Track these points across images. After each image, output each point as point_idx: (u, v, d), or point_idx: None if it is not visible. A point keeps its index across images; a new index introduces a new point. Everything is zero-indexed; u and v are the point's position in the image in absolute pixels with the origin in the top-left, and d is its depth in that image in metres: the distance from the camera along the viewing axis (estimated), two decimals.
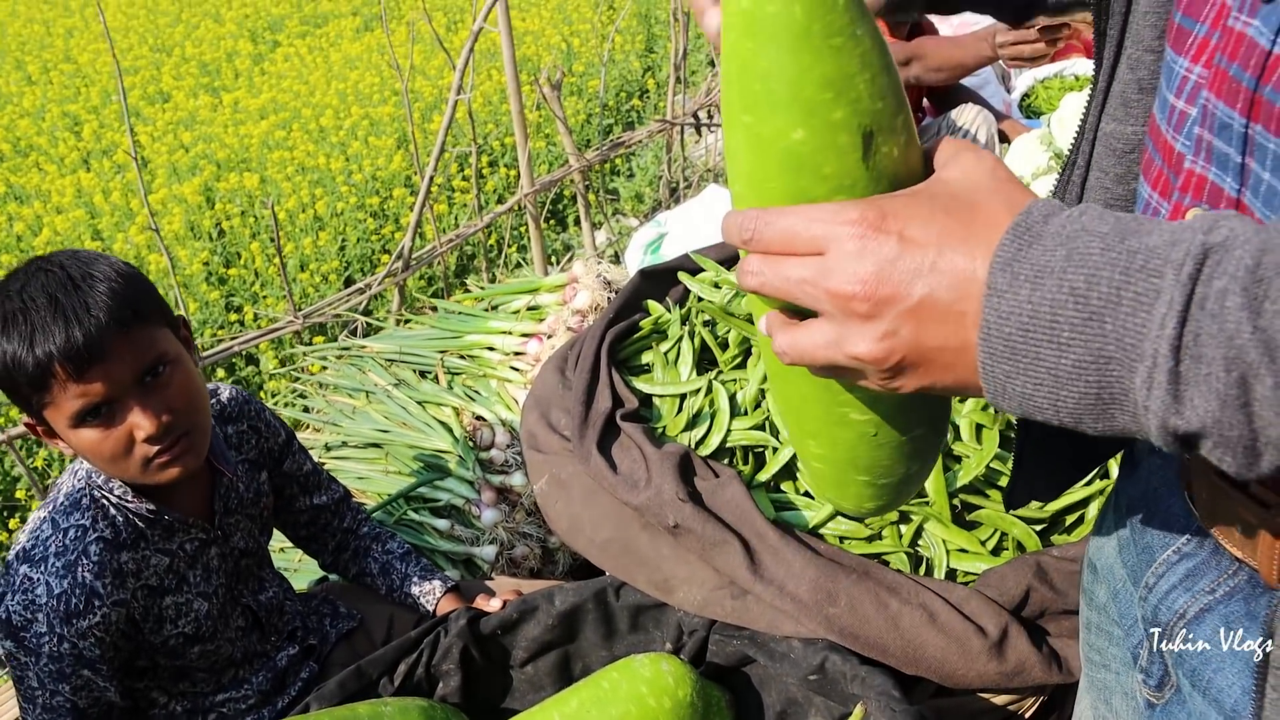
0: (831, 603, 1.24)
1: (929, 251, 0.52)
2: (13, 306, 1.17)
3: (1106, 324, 0.47)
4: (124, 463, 1.24)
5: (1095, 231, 0.49)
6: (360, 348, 2.23)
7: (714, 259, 1.78)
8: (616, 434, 1.48)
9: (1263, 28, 0.55)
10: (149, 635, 1.35)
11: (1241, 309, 0.44)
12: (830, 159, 0.58)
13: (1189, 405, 0.46)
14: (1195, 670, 0.68)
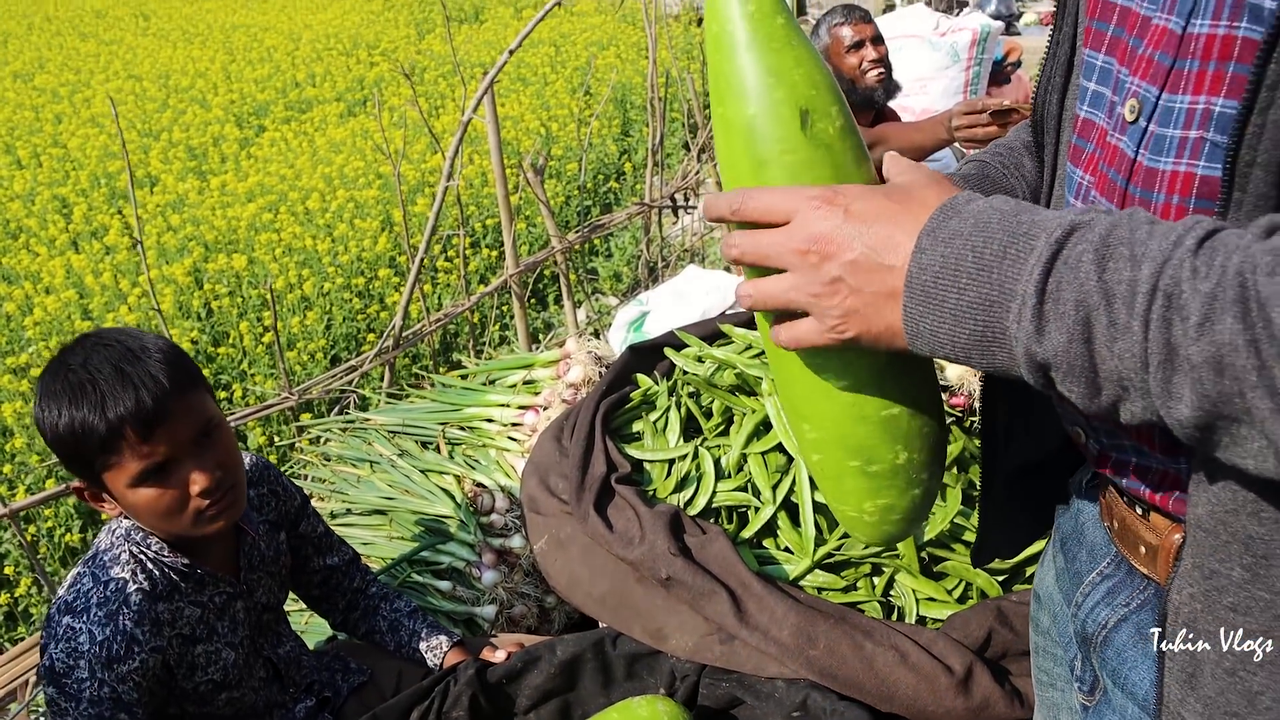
0: (811, 645, 1.36)
1: (867, 221, 0.68)
2: (80, 378, 1.29)
3: (993, 274, 0.63)
4: (178, 518, 1.36)
5: (1000, 209, 0.65)
6: (364, 420, 2.36)
7: (697, 335, 1.93)
8: (611, 496, 1.61)
9: (1129, 143, 0.72)
10: (181, 681, 1.45)
11: (1091, 264, 0.59)
12: (776, 129, 0.76)
13: (1047, 337, 0.60)
14: (1115, 670, 0.81)
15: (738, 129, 0.78)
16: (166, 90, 9.68)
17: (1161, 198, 0.69)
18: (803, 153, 0.76)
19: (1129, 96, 0.71)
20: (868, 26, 3.09)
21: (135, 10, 14.75)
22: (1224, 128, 0.64)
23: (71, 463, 1.34)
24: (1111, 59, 0.75)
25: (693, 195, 5.25)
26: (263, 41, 11.56)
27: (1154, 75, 0.69)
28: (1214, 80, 0.64)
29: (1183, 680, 0.71)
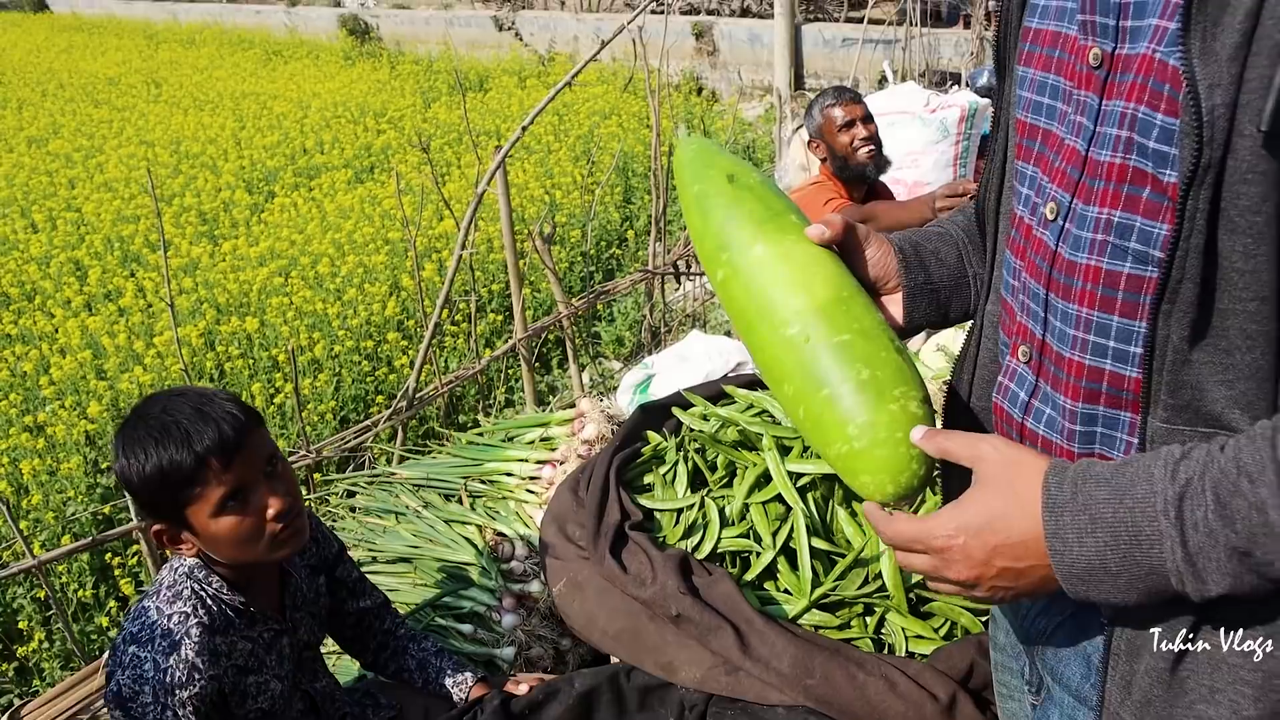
0: (809, 675, 1.50)
1: (997, 555, 0.84)
2: (163, 421, 1.45)
3: (1138, 558, 0.78)
4: (255, 543, 1.51)
5: (1099, 497, 0.79)
6: (389, 474, 2.51)
7: (702, 396, 2.10)
8: (625, 541, 1.76)
9: (1051, 237, 0.90)
10: (234, 709, 1.58)
11: (1218, 522, 0.73)
12: (713, 187, 1.10)
13: (1213, 585, 0.75)
14: (1053, 668, 0.97)
15: (691, 202, 1.08)
16: (178, 156, 9.91)
17: (1077, 283, 0.87)
18: (728, 195, 1.05)
19: (1049, 200, 0.89)
20: (858, 107, 3.29)
21: (147, 78, 15.09)
22: (1123, 234, 0.81)
23: (157, 503, 1.49)
24: (1037, 169, 0.93)
25: (694, 263, 5.44)
26: (272, 109, 11.84)
27: (1067, 185, 0.87)
28: (1112, 196, 0.82)
29: (1121, 684, 0.87)
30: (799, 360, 0.97)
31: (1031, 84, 0.94)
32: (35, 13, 25.65)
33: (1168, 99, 0.76)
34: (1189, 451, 0.77)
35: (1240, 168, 0.73)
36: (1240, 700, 0.82)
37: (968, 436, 0.89)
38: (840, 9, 12.36)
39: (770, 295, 1.01)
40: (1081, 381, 0.88)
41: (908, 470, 0.92)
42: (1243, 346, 0.77)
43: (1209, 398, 0.80)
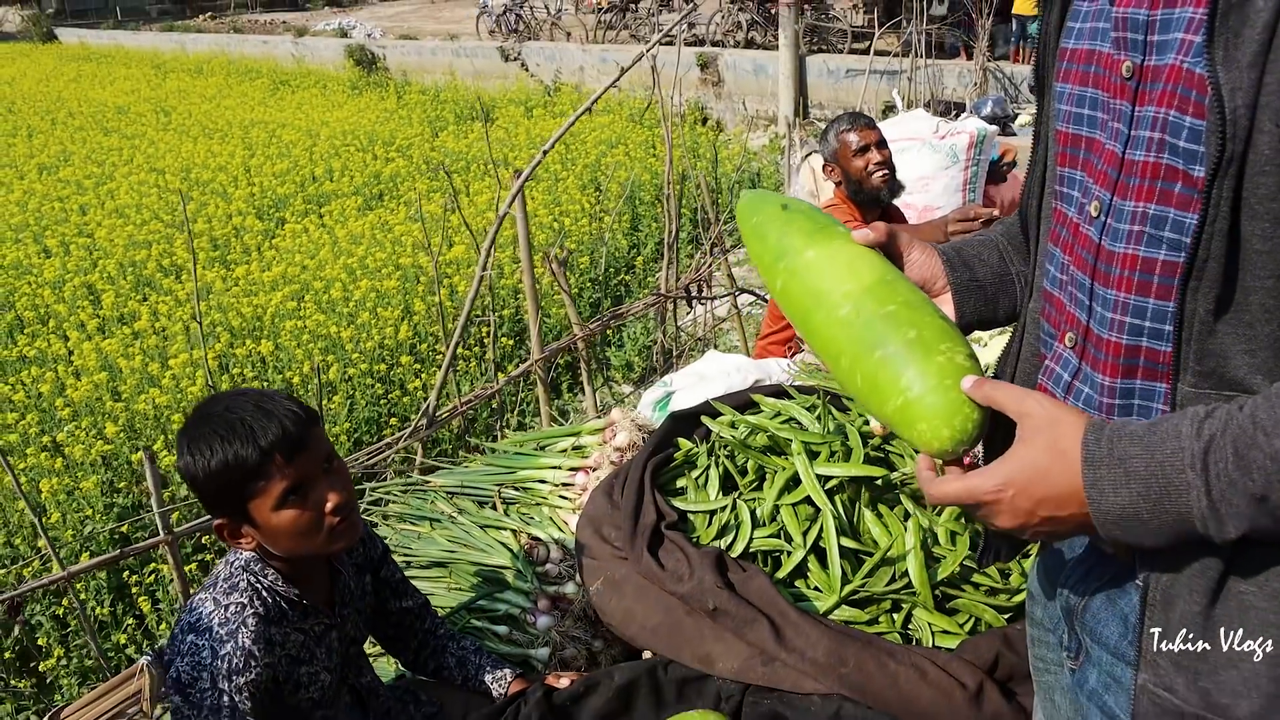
0: (843, 665, 1.57)
1: (1041, 505, 0.93)
2: (229, 418, 1.53)
3: (1168, 506, 0.86)
4: (314, 536, 1.58)
5: (1132, 453, 0.88)
6: (424, 482, 2.57)
7: (730, 405, 2.17)
8: (661, 540, 1.83)
9: (1095, 231, 0.99)
10: (286, 697, 1.64)
11: (1237, 471, 0.82)
12: (770, 213, 1.25)
13: (1232, 528, 0.84)
14: (1093, 630, 1.05)
15: (751, 231, 1.26)
16: (189, 183, 10.03)
17: (1116, 270, 0.96)
18: (782, 218, 1.21)
19: (1094, 199, 0.98)
20: (872, 132, 3.38)
21: (155, 106, 15.25)
22: (1158, 225, 0.91)
23: (221, 498, 1.56)
24: (1082, 172, 1.02)
25: (705, 287, 5.53)
26: (280, 137, 11.98)
27: (1107, 184, 0.97)
28: (1146, 192, 0.92)
29: (1157, 633, 0.96)
30: (851, 333, 1.06)
31: (1070, 98, 1.03)
32: (44, 43, 25.91)
33: (1194, 103, 0.86)
34: (1212, 411, 0.86)
35: (1259, 160, 0.82)
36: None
37: (1015, 389, 0.97)
38: (844, 41, 12.54)
39: (823, 286, 1.11)
40: (1120, 359, 0.97)
41: (960, 414, 0.99)
42: (1262, 319, 0.86)
43: (1232, 365, 0.89)
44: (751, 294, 5.75)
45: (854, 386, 1.08)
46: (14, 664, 4.19)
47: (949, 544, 1.86)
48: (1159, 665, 0.96)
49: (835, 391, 2.22)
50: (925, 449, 1.02)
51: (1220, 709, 0.92)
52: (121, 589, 4.55)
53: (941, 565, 1.81)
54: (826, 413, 2.08)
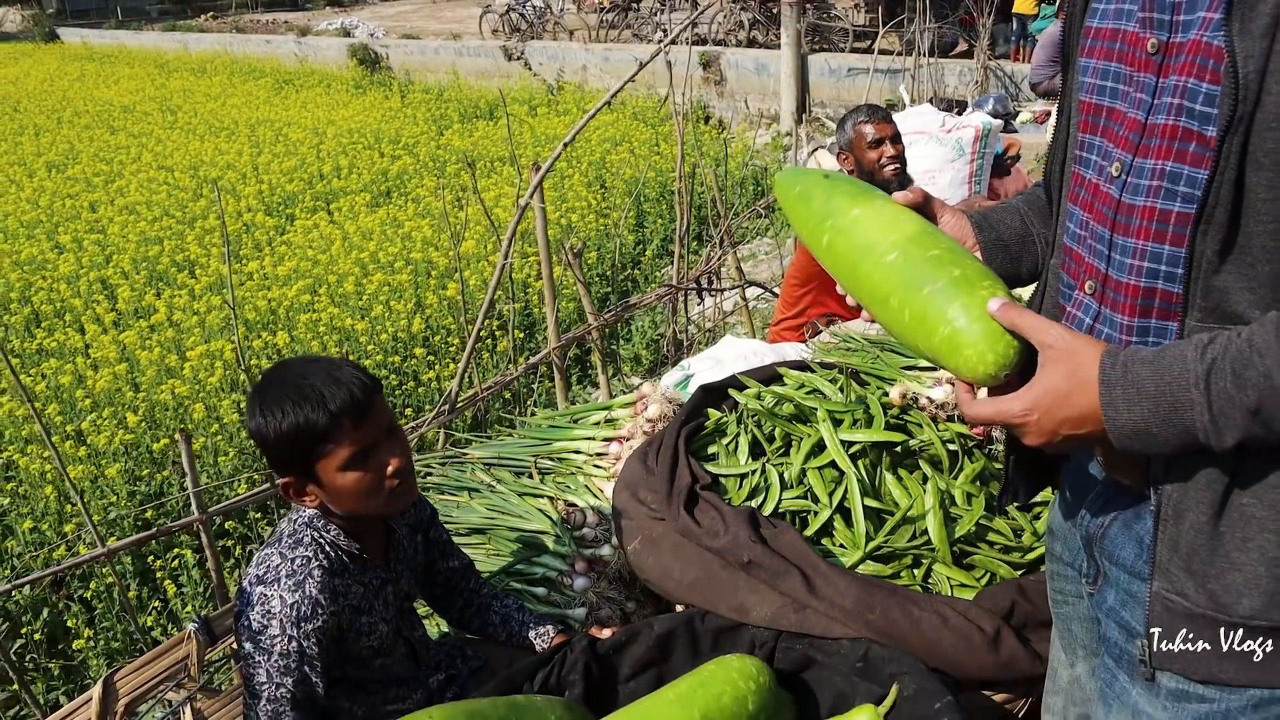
0: (870, 611, 1.69)
1: (1063, 425, 1.06)
2: (301, 384, 1.64)
3: (1175, 420, 0.99)
4: (375, 496, 1.69)
5: (1144, 375, 1.01)
6: (461, 454, 2.69)
7: (757, 379, 2.29)
8: (696, 501, 1.94)
9: (1115, 189, 1.11)
10: (349, 645, 1.76)
11: (1235, 389, 0.95)
12: (814, 179, 1.40)
13: (1230, 438, 0.97)
14: (1110, 553, 1.17)
15: (795, 199, 1.39)
16: (198, 180, 10.13)
17: (1136, 221, 1.08)
18: (826, 184, 1.34)
19: (1115, 160, 1.11)
20: (888, 126, 3.50)
21: (162, 105, 15.35)
22: (1174, 180, 1.03)
23: (290, 458, 1.67)
24: (1102, 138, 1.15)
25: (715, 279, 5.65)
26: (287, 136, 12.08)
27: (1129, 147, 1.10)
28: (1164, 151, 1.05)
29: (1169, 545, 1.08)
30: (900, 276, 1.18)
31: (1095, 71, 1.16)
32: (46, 43, 25.99)
33: (1211, 71, 0.99)
34: (1214, 338, 0.99)
35: (1266, 119, 0.95)
36: (1266, 545, 1.03)
37: (1039, 319, 1.09)
38: (846, 40, 12.65)
39: (871, 238, 1.24)
40: (1137, 300, 1.10)
41: (1003, 340, 1.10)
42: (1263, 259, 0.99)
43: (1233, 300, 1.02)
44: (760, 287, 5.86)
45: (901, 323, 1.19)
46: (44, 645, 4.29)
47: (965, 504, 1.98)
48: (1171, 573, 1.08)
49: (855, 367, 2.34)
50: (970, 374, 1.13)
51: (1225, 607, 1.05)
52: (145, 574, 4.66)
53: (959, 524, 1.93)
54: (848, 384, 2.20)
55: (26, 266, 7.56)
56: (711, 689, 1.62)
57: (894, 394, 2.15)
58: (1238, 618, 1.05)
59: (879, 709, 1.63)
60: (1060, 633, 1.43)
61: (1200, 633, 1.08)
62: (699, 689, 1.63)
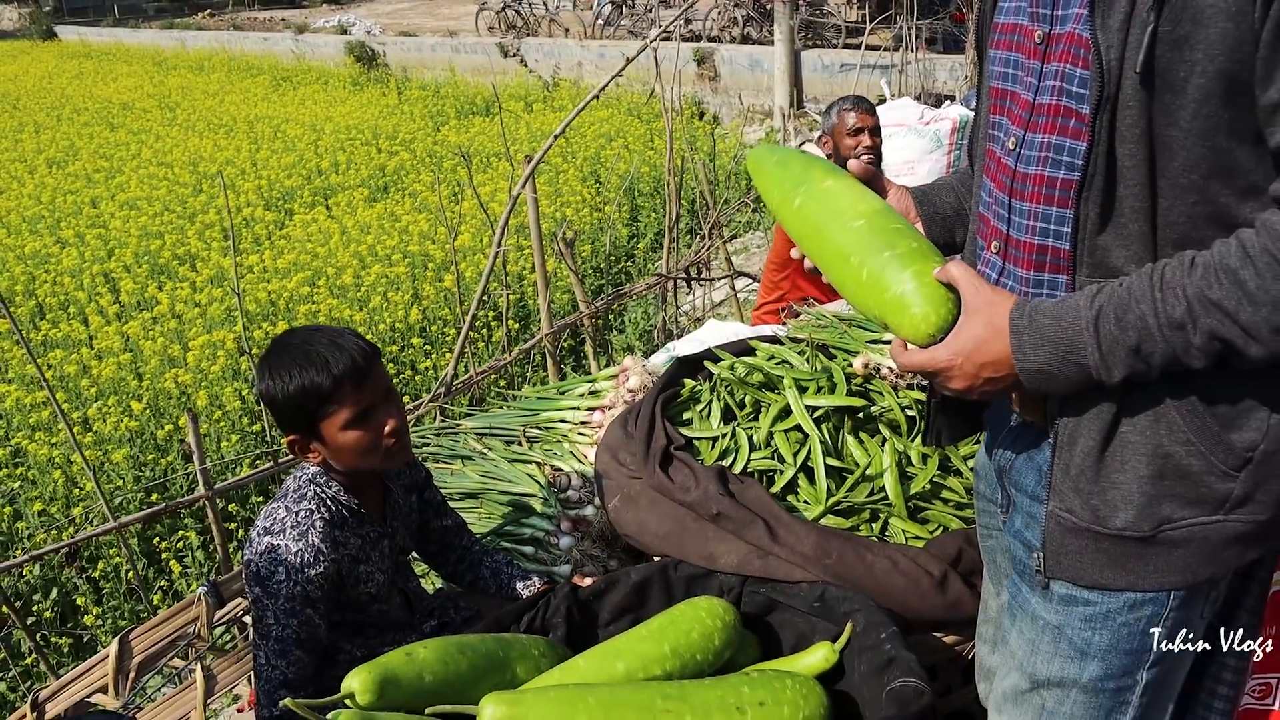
0: (827, 556, 1.84)
1: (977, 361, 1.21)
2: (306, 349, 1.79)
3: (1072, 360, 1.15)
4: (373, 454, 1.84)
5: (1045, 323, 1.16)
6: (455, 425, 2.84)
7: (730, 352, 2.45)
8: (670, 461, 2.10)
9: (1010, 160, 1.27)
10: (348, 590, 1.91)
11: (1118, 330, 1.11)
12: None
13: (1118, 373, 1.13)
14: (1017, 482, 1.34)
15: (772, 166, 1.52)
16: (197, 176, 10.26)
17: (1029, 188, 1.25)
18: (804, 158, 1.50)
19: (1010, 136, 1.27)
20: (870, 118, 3.66)
21: (160, 103, 15.47)
22: (1058, 151, 1.20)
23: (295, 419, 1.83)
24: (1003, 117, 1.31)
25: (705, 269, 5.80)
26: (285, 132, 12.22)
27: (1020, 123, 1.26)
28: (1050, 126, 1.21)
29: (1063, 469, 1.24)
30: (864, 240, 1.34)
31: (999, 60, 1.33)
32: (44, 40, 26.10)
33: (1082, 59, 1.15)
34: (1101, 288, 1.15)
35: (1125, 98, 1.11)
36: (1139, 466, 1.20)
37: (971, 274, 1.24)
38: (838, 36, 12.80)
39: (841, 204, 1.40)
40: (1033, 256, 1.26)
41: (945, 306, 1.25)
42: (1132, 219, 1.15)
43: (1113, 257, 1.18)
44: (749, 277, 6.01)
45: (856, 280, 1.34)
46: (54, 623, 4.44)
47: (921, 464, 2.13)
48: (1063, 493, 1.24)
49: (824, 341, 2.49)
50: (911, 331, 1.27)
51: (1104, 520, 1.21)
52: (151, 555, 4.81)
53: (914, 481, 2.08)
54: (815, 355, 2.35)
55: (31, 260, 7.70)
56: (681, 626, 1.78)
57: (857, 364, 2.30)
58: (1114, 529, 1.22)
59: (835, 645, 1.78)
60: (988, 565, 1.59)
61: (1085, 544, 1.25)
62: (669, 626, 1.79)
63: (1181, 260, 1.10)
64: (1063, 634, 1.31)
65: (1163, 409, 1.18)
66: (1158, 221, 1.14)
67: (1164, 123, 1.09)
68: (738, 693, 1.64)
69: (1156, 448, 1.18)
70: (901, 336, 1.30)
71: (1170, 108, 1.08)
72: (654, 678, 1.71)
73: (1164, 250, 1.15)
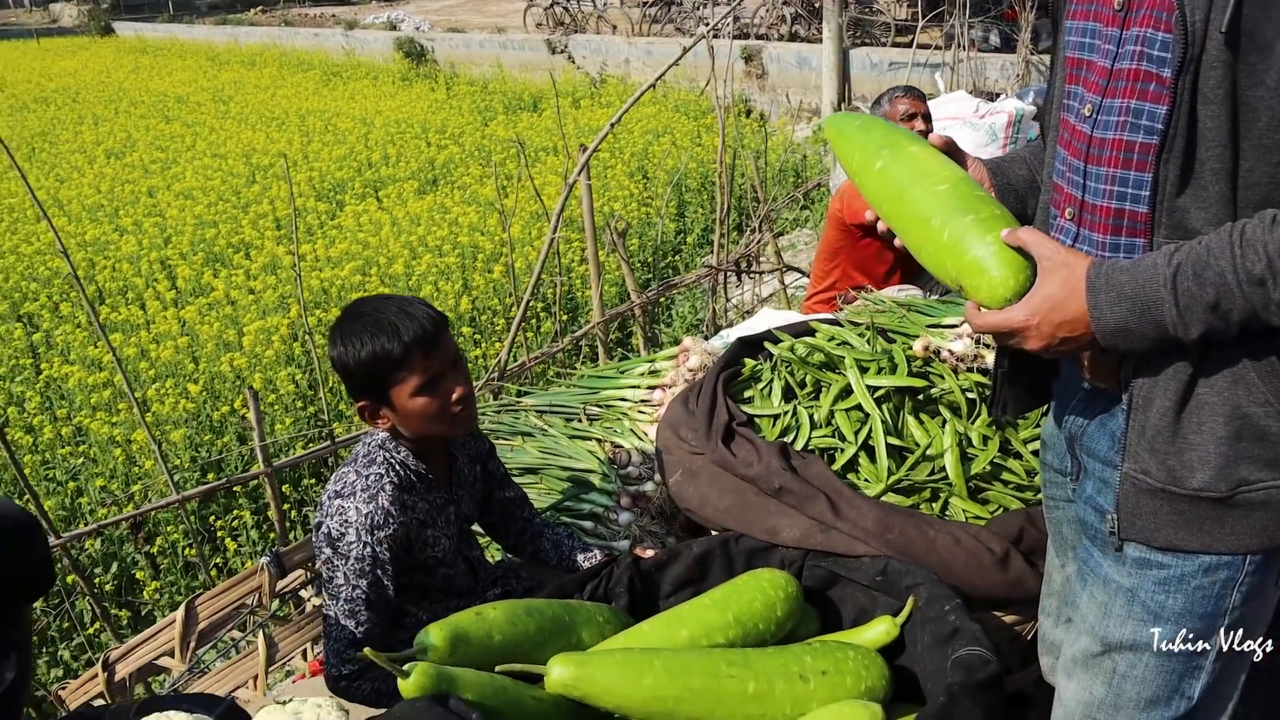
0: (889, 531, 1.86)
1: (1056, 323, 1.23)
2: (378, 317, 1.84)
3: (1149, 317, 1.17)
4: (440, 420, 1.89)
5: (1122, 280, 1.18)
6: (515, 403, 2.89)
7: (789, 333, 2.47)
8: (732, 436, 2.13)
9: (1087, 127, 1.29)
10: (415, 553, 1.96)
11: (1196, 287, 1.13)
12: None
13: (1195, 330, 1.15)
14: (1089, 448, 1.36)
15: (854, 130, 1.56)
16: (250, 167, 10.43)
17: (1107, 152, 1.27)
18: (888, 126, 1.54)
19: (1086, 103, 1.29)
20: (921, 104, 3.68)
21: (214, 96, 15.72)
22: (1137, 115, 1.21)
23: (366, 385, 1.88)
24: (1080, 86, 1.33)
25: (754, 262, 5.81)
26: (336, 125, 12.38)
27: (1097, 90, 1.28)
28: (1129, 91, 1.22)
29: (1138, 431, 1.25)
30: (947, 202, 1.36)
31: (1076, 30, 1.35)
32: (102, 36, 26.61)
33: (1165, 22, 1.17)
34: (1179, 247, 1.17)
35: (1209, 60, 1.12)
36: (1215, 427, 1.21)
37: (1042, 237, 1.26)
38: (887, 33, 12.75)
39: (926, 169, 1.43)
40: (1109, 220, 1.28)
41: (1023, 273, 1.27)
42: (1212, 182, 1.17)
43: (1191, 218, 1.19)
44: (798, 272, 6.02)
45: (936, 241, 1.37)
46: (113, 595, 4.54)
47: (981, 446, 2.14)
48: (1138, 454, 1.26)
49: (882, 325, 2.51)
50: (988, 294, 1.30)
51: (1180, 481, 1.23)
52: (207, 535, 4.90)
53: (974, 462, 2.09)
54: (875, 337, 2.37)
55: (91, 247, 7.86)
56: (744, 595, 1.81)
57: (917, 346, 2.32)
58: (1190, 490, 1.23)
59: (896, 619, 1.80)
60: (1053, 538, 1.60)
61: (1160, 505, 1.26)
62: (733, 595, 1.81)
63: (1262, 218, 1.12)
64: (1136, 597, 1.32)
65: (1240, 370, 1.19)
66: (1239, 183, 1.16)
67: (1249, 84, 1.11)
68: (801, 661, 1.67)
69: (1234, 409, 1.20)
70: (977, 300, 1.32)
71: (1256, 68, 1.10)
72: (717, 645, 1.74)
73: (1244, 211, 1.16)
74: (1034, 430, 2.21)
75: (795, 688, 1.62)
